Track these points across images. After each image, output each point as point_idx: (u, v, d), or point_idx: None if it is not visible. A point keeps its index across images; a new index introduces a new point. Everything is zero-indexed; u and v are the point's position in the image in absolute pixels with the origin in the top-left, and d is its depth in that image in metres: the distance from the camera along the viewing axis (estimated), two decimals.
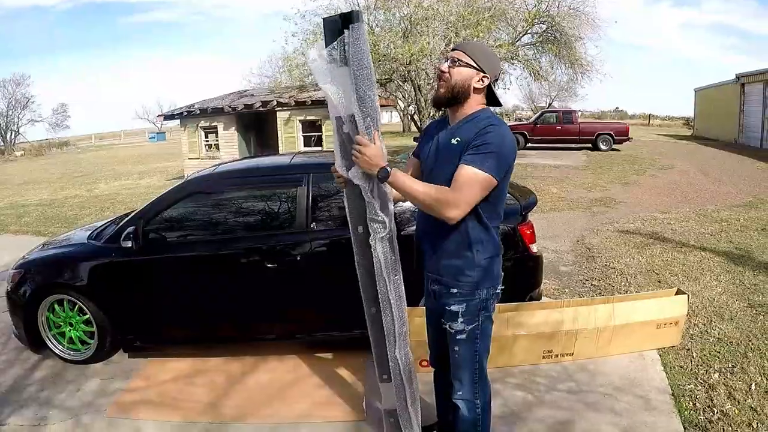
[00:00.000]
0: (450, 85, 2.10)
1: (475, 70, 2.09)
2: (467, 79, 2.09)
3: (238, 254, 3.62)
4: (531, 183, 11.86)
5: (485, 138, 1.99)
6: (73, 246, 4.04)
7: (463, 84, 2.09)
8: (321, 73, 2.02)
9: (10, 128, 45.59)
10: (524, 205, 3.81)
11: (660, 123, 49.30)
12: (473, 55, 2.08)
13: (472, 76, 2.09)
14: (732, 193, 10.36)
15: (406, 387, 2.40)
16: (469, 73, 2.09)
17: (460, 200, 1.98)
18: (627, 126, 21.08)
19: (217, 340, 3.87)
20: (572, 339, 3.56)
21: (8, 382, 3.67)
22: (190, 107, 15.71)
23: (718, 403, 3.05)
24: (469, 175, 1.97)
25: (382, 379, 2.47)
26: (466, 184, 1.98)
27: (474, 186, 1.98)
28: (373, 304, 2.29)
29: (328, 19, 2.01)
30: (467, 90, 2.10)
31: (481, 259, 2.15)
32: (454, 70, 2.09)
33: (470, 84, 2.09)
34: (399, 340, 2.29)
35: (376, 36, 14.27)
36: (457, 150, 2.07)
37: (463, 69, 2.08)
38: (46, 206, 12.00)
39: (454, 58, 2.09)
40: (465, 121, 2.13)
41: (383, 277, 2.17)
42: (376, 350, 2.42)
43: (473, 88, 2.10)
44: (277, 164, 4.37)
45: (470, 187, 1.98)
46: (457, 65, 2.08)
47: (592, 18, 15.70)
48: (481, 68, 2.09)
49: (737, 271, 5.33)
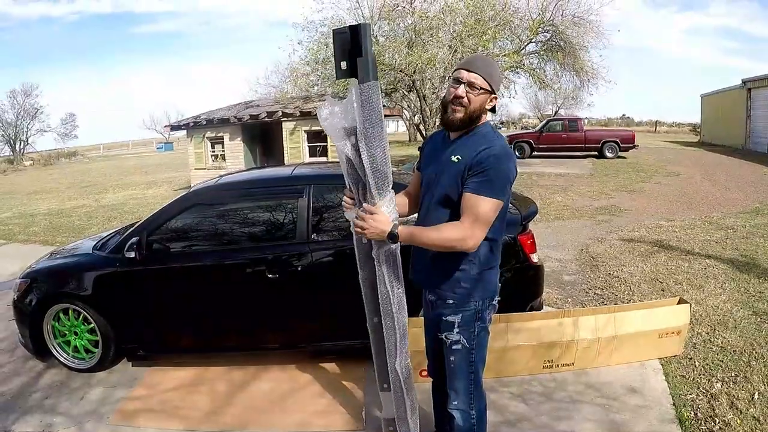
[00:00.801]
0: (469, 111, 2.09)
1: (490, 93, 2.10)
2: (483, 104, 2.10)
3: (239, 264, 3.65)
4: (536, 192, 11.86)
5: (486, 163, 2.01)
6: (79, 256, 4.09)
7: (480, 108, 2.10)
8: (334, 132, 2.06)
9: (19, 138, 45.98)
10: (525, 215, 3.82)
11: (667, 130, 49.21)
12: (490, 78, 2.08)
13: (487, 100, 2.10)
14: (738, 199, 10.31)
15: (405, 397, 2.41)
16: (486, 98, 2.10)
17: (474, 231, 2.02)
18: (633, 133, 21.00)
19: (218, 349, 3.89)
20: (573, 349, 3.56)
21: (14, 389, 3.72)
22: (196, 118, 15.84)
23: (719, 412, 3.03)
24: (477, 203, 2.01)
25: (382, 388, 2.49)
26: (477, 212, 2.01)
27: (484, 214, 2.02)
28: (374, 314, 2.32)
29: (337, 30, 2.03)
30: (482, 113, 2.12)
31: (477, 271, 2.17)
32: (472, 96, 2.07)
33: (484, 107, 2.11)
34: (399, 350, 2.30)
35: (381, 46, 14.37)
36: (457, 168, 2.09)
37: (481, 95, 2.08)
38: (54, 216, 12.11)
39: (473, 84, 2.07)
40: (465, 135, 2.15)
41: (386, 289, 2.19)
42: (377, 360, 2.44)
43: (486, 109, 2.13)
44: (279, 176, 4.40)
45: (481, 215, 2.02)
46: (477, 93, 2.07)
47: (596, 26, 15.76)
48: (494, 89, 2.10)
49: (742, 279, 5.30)
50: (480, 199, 2.01)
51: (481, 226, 2.02)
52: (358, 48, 1.95)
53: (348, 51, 1.98)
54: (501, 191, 2.03)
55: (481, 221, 2.02)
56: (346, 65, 2.00)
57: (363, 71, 1.95)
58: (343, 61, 2.00)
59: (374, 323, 2.34)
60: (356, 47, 1.95)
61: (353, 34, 1.96)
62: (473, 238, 2.03)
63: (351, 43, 1.97)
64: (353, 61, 1.97)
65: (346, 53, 1.99)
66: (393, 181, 2.14)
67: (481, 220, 2.02)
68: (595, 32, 15.85)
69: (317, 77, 15.56)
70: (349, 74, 2.01)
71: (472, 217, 2.01)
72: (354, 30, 1.97)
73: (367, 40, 1.95)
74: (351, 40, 1.97)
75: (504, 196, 2.06)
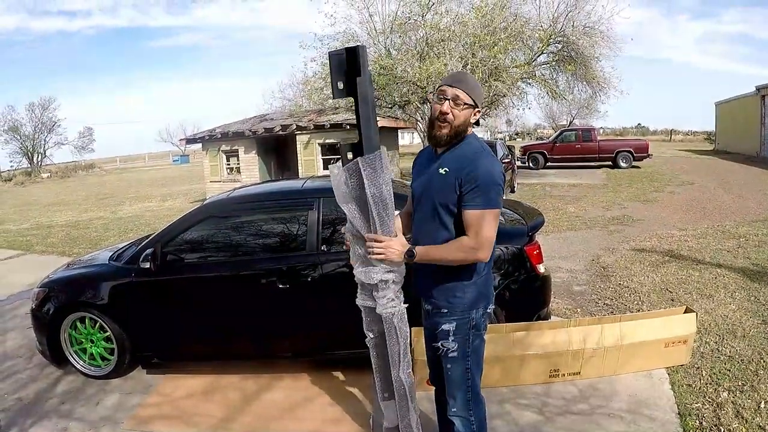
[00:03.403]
0: (454, 126, 2.15)
1: (473, 107, 2.16)
2: (468, 118, 2.16)
3: (251, 275, 3.74)
4: (549, 202, 11.87)
5: (476, 177, 2.08)
6: (95, 266, 4.21)
7: (465, 123, 2.16)
8: (341, 194, 2.18)
9: (37, 151, 46.72)
10: (531, 226, 3.87)
11: (682, 138, 48.83)
12: (472, 93, 2.14)
13: (470, 114, 2.16)
14: (752, 208, 10.22)
15: (409, 406, 2.46)
16: (470, 112, 2.16)
17: (482, 242, 2.10)
18: (647, 143, 20.91)
19: (231, 357, 3.97)
20: (579, 358, 3.58)
21: (31, 395, 3.84)
22: (211, 131, 16.08)
23: (725, 421, 3.04)
24: (478, 216, 2.09)
25: (383, 398, 2.53)
26: (480, 225, 2.09)
27: (486, 225, 2.10)
28: (375, 325, 2.38)
29: (333, 52, 2.13)
30: (467, 128, 2.18)
31: (470, 280, 2.23)
32: (456, 111, 2.13)
33: (469, 121, 2.17)
34: (402, 360, 2.36)
35: (393, 59, 14.49)
36: (445, 180, 2.16)
37: (465, 110, 2.14)
38: (71, 227, 12.35)
39: (457, 99, 2.13)
40: (451, 148, 2.21)
41: None
42: (378, 369, 2.50)
43: (471, 123, 2.19)
44: (290, 189, 4.49)
45: (484, 227, 2.09)
46: (461, 108, 2.13)
47: (607, 35, 15.73)
48: (476, 104, 2.16)
49: (753, 288, 5.28)
50: (479, 212, 2.09)
51: (487, 237, 2.10)
52: (356, 69, 2.04)
53: (345, 71, 2.08)
54: (496, 200, 2.11)
55: (485, 233, 2.10)
56: (343, 85, 2.10)
57: (361, 89, 2.06)
58: (339, 81, 2.10)
59: (375, 335, 2.41)
60: (353, 68, 2.05)
61: (350, 56, 2.06)
62: (482, 249, 2.11)
63: (347, 63, 2.06)
64: (351, 81, 2.06)
65: (342, 73, 2.09)
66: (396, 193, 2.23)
67: (485, 232, 2.09)
68: (607, 42, 15.84)
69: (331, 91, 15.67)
70: (346, 94, 2.11)
71: (476, 230, 2.09)
72: (351, 51, 2.06)
73: (365, 60, 2.05)
74: (347, 60, 2.07)
75: (500, 204, 2.14)
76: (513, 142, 37.41)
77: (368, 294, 2.31)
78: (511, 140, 42.99)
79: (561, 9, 15.57)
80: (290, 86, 29.64)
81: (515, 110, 19.04)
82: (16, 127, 45.25)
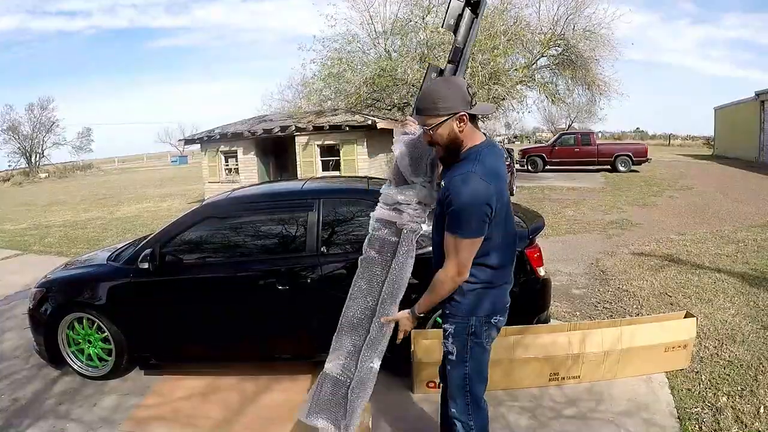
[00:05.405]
0: (443, 145, 2.14)
1: (448, 117, 2.08)
2: (451, 132, 2.10)
3: (250, 276, 3.73)
4: (547, 206, 11.87)
5: (450, 202, 2.08)
6: (93, 266, 4.19)
7: (450, 137, 2.11)
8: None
9: (35, 151, 46.63)
10: (532, 229, 3.86)
11: (681, 143, 48.89)
12: (435, 110, 2.08)
13: (452, 126, 2.09)
14: (751, 213, 10.23)
15: (349, 397, 2.56)
16: (448, 126, 2.09)
17: (456, 266, 2.14)
18: (646, 147, 20.96)
19: (229, 358, 3.96)
20: (579, 362, 3.58)
21: (28, 395, 3.82)
22: (210, 132, 16.04)
23: (724, 426, 3.03)
24: (452, 243, 2.13)
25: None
26: (453, 252, 2.13)
27: (460, 251, 2.12)
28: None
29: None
30: (457, 139, 2.12)
31: (469, 288, 2.23)
32: (433, 134, 2.11)
33: (455, 133, 2.10)
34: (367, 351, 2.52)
35: (394, 61, 14.51)
36: (441, 194, 2.19)
37: (439, 129, 2.10)
38: (69, 227, 12.32)
39: (426, 125, 2.12)
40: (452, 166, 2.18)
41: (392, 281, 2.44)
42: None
43: (459, 132, 2.11)
44: (289, 189, 4.48)
45: (458, 253, 2.12)
46: (432, 130, 2.11)
47: (608, 39, 15.79)
48: (451, 112, 2.07)
49: (752, 293, 5.28)
50: (454, 239, 2.11)
51: (460, 260, 2.13)
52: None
53: None
54: (474, 229, 2.07)
55: (460, 256, 2.12)
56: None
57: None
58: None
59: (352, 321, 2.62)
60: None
61: None
62: (456, 276, 2.16)
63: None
64: None
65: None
66: None
67: (460, 256, 2.12)
68: (607, 46, 15.89)
69: (330, 92, 15.75)
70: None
71: (449, 255, 2.15)
72: None
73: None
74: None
75: (479, 232, 2.08)
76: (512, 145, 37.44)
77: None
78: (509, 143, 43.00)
79: (561, 12, 15.65)
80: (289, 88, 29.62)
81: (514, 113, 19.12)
82: (14, 127, 45.22)
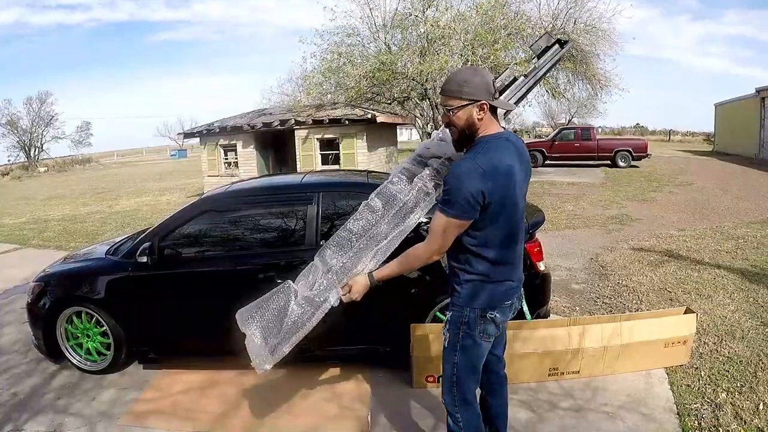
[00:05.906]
0: (459, 129, 2.15)
1: (470, 103, 2.10)
2: (469, 117, 2.11)
3: (249, 270, 3.70)
4: (547, 200, 11.85)
5: (445, 180, 2.11)
6: (92, 260, 4.18)
7: (468, 122, 2.12)
8: None
9: (34, 145, 46.51)
10: (531, 224, 3.84)
11: (681, 139, 48.85)
12: (459, 93, 2.09)
13: (471, 111, 2.10)
14: (750, 209, 10.22)
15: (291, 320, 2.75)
16: (468, 111, 2.10)
17: (436, 243, 2.16)
18: (646, 142, 20.88)
19: (228, 352, 3.94)
20: (578, 357, 3.57)
21: (27, 389, 3.81)
22: (209, 125, 16.00)
23: (723, 422, 3.03)
24: (436, 218, 2.14)
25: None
26: (433, 230, 2.15)
27: (442, 229, 2.12)
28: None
29: None
30: (473, 125, 2.13)
31: (466, 278, 2.24)
32: (452, 116, 2.13)
33: (473, 119, 2.11)
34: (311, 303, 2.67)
35: (393, 55, 14.47)
36: None
37: (459, 112, 2.11)
38: (67, 221, 12.30)
39: (447, 106, 2.14)
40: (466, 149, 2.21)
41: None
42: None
43: (477, 119, 2.12)
44: (288, 183, 4.46)
45: (440, 231, 2.13)
46: (454, 113, 2.12)
47: (609, 34, 15.76)
48: (473, 99, 2.09)
49: (752, 289, 5.28)
50: (437, 215, 2.12)
51: (435, 239, 2.15)
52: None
53: None
54: (458, 209, 2.05)
55: (435, 234, 2.14)
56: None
57: None
58: None
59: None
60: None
61: None
62: (429, 251, 2.19)
63: None
64: None
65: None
66: None
67: (434, 233, 2.14)
68: (608, 40, 15.87)
69: (330, 86, 15.71)
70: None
71: (432, 231, 2.15)
72: None
73: None
74: None
75: (463, 215, 2.06)
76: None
77: None
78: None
79: (562, 6, 15.60)
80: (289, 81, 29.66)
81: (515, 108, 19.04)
82: (13, 121, 45.10)
